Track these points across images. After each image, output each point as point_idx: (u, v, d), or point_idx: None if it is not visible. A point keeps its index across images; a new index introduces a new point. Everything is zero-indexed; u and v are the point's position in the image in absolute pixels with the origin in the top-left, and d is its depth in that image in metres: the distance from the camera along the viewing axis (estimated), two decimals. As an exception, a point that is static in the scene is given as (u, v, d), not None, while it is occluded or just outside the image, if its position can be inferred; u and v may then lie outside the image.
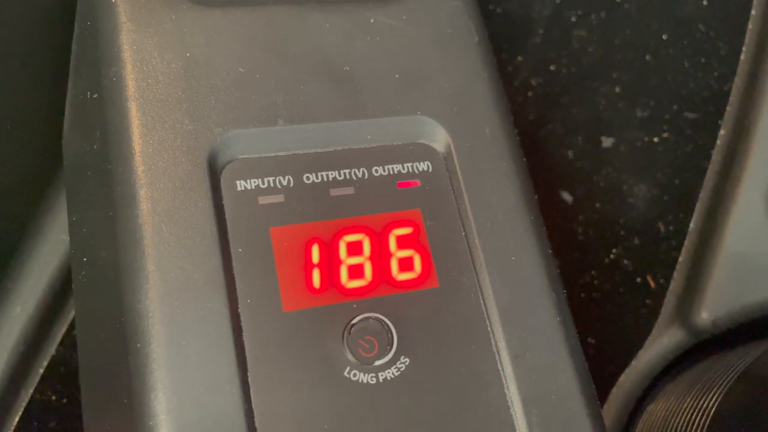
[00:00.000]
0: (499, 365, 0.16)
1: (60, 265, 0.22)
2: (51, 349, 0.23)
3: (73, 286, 0.19)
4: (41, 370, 0.24)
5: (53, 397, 0.24)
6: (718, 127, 0.26)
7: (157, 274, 0.15)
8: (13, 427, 0.23)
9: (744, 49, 0.27)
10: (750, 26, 0.27)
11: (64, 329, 0.23)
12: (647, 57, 0.27)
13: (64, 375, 0.23)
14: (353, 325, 0.16)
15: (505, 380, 0.16)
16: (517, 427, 0.16)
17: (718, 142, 0.26)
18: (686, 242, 0.24)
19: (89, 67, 0.18)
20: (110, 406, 0.16)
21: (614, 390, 0.23)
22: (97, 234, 0.17)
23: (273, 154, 0.17)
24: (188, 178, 0.16)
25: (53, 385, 0.23)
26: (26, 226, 0.22)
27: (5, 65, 0.20)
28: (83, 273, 0.18)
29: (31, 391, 0.23)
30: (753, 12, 0.27)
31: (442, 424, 0.16)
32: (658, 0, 0.28)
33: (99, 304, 0.17)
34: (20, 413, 0.23)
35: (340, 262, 0.16)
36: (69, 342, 0.24)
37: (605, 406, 0.23)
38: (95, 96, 0.17)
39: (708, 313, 0.22)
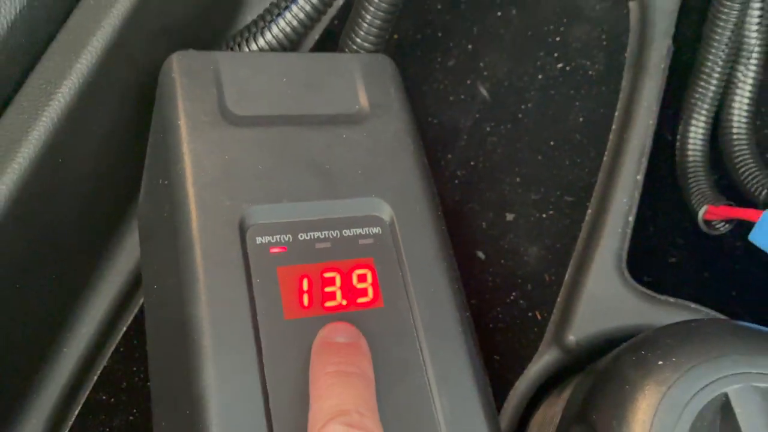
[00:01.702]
0: (422, 361, 0.25)
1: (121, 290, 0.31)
2: (104, 361, 0.32)
3: (144, 305, 0.27)
4: (95, 377, 0.32)
5: (104, 398, 0.32)
6: (587, 208, 0.36)
7: (206, 296, 0.24)
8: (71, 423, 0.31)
9: (606, 153, 0.38)
10: (611, 137, 0.38)
11: (116, 342, 0.31)
12: (539, 157, 0.38)
13: (114, 381, 0.32)
14: (329, 329, 0.25)
15: (425, 367, 0.25)
16: (433, 407, 0.24)
17: (587, 218, 0.36)
18: (562, 288, 0.34)
19: (161, 163, 0.27)
20: (174, 396, 0.25)
21: (511, 392, 0.32)
22: (164, 270, 0.26)
23: (279, 221, 0.26)
24: (226, 236, 0.25)
25: (105, 388, 0.31)
26: (100, 255, 0.30)
27: (109, 145, 0.29)
28: (153, 297, 0.26)
29: (87, 393, 0.31)
30: (613, 126, 0.38)
31: (381, 407, 0.24)
32: (548, 117, 0.39)
33: (165, 315, 0.25)
34: (78, 410, 0.31)
35: (321, 290, 0.25)
36: (118, 355, 0.32)
37: (504, 404, 0.32)
38: (166, 182, 0.26)
39: (574, 337, 0.32)
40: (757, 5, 0.38)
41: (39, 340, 0.30)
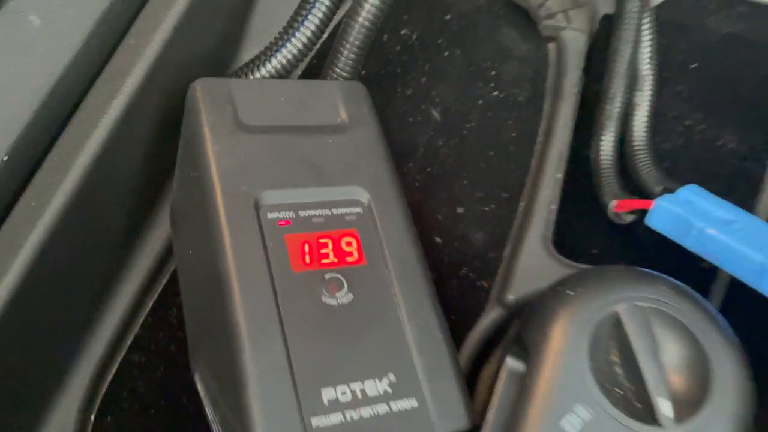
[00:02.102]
0: (396, 302, 0.33)
1: (150, 270, 0.38)
2: (136, 329, 0.39)
3: (178, 272, 0.35)
4: (129, 341, 0.39)
5: (136, 359, 0.38)
6: (519, 201, 0.45)
7: (233, 256, 0.31)
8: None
9: (533, 159, 0.47)
10: (536, 147, 0.47)
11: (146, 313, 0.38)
12: (482, 164, 0.47)
13: (144, 345, 0.38)
14: (325, 279, 0.33)
15: (399, 307, 0.33)
16: (406, 336, 0.32)
17: (519, 208, 0.45)
18: (502, 263, 0.43)
19: (190, 159, 0.35)
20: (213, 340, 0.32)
21: (465, 343, 0.40)
22: (198, 241, 0.33)
23: (285, 203, 0.34)
24: (245, 213, 0.33)
25: (138, 351, 0.38)
26: (133, 243, 0.38)
27: (144, 148, 0.37)
28: (187, 264, 0.34)
29: (123, 354, 0.38)
30: (539, 139, 0.48)
31: (365, 333, 0.32)
32: (487, 134, 0.48)
33: (200, 274, 0.33)
34: (116, 367, 0.38)
35: (318, 251, 0.33)
36: (147, 324, 0.39)
37: (460, 353, 0.40)
38: (195, 174, 0.34)
39: (512, 296, 0.40)
40: (647, 44, 0.49)
41: (85, 310, 0.37)
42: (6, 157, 0.31)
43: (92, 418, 0.36)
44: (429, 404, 0.30)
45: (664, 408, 0.29)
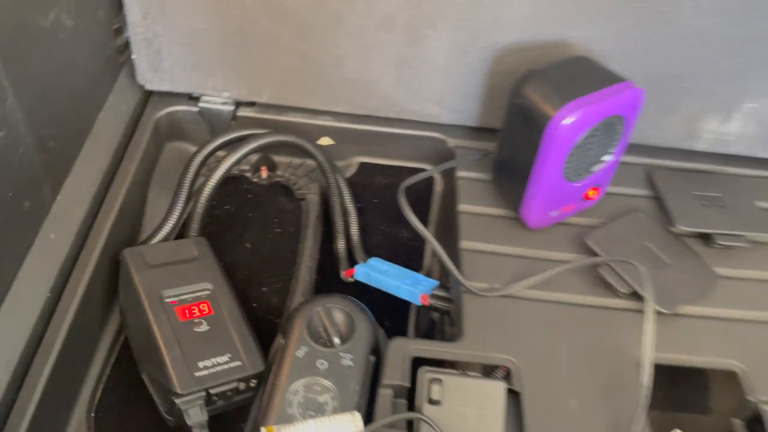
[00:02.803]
0: (228, 326, 0.76)
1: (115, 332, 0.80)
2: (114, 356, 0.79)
3: (125, 328, 0.77)
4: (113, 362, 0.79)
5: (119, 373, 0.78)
6: (292, 281, 0.91)
7: (154, 318, 0.74)
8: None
9: (297, 257, 0.94)
10: (301, 248, 0.94)
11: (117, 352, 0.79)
12: (276, 263, 0.93)
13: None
14: (195, 322, 0.75)
15: (230, 329, 0.76)
16: (234, 342, 0.75)
17: (291, 286, 0.91)
18: (285, 308, 0.88)
19: (126, 284, 0.78)
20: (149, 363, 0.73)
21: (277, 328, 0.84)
22: (136, 315, 0.76)
23: (173, 294, 0.77)
24: (155, 299, 0.76)
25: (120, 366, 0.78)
26: (105, 321, 0.80)
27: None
28: (132, 329, 0.76)
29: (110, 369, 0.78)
30: (301, 245, 0.95)
31: (215, 338, 0.74)
32: (277, 247, 0.94)
33: (139, 326, 0.75)
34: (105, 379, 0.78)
35: (191, 311, 0.76)
36: (120, 356, 0.79)
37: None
38: (130, 288, 0.76)
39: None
40: (346, 193, 0.98)
41: (83, 356, 0.77)
42: None
43: (92, 415, 0.76)
44: (245, 361, 0.73)
45: (336, 340, 0.74)
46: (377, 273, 0.86)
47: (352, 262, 0.91)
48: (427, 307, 0.83)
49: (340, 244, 0.93)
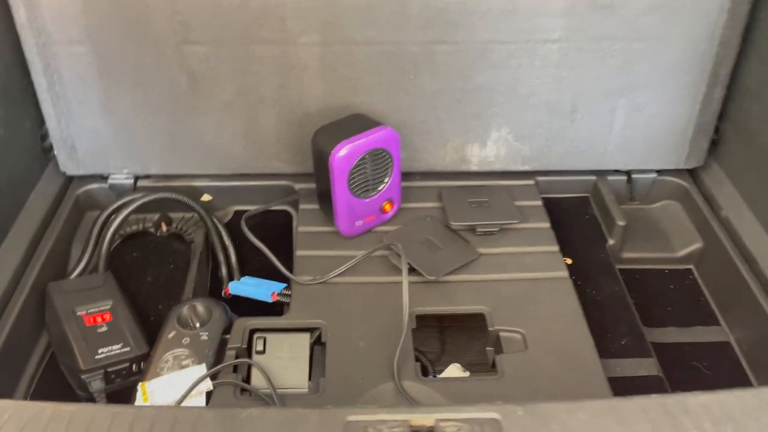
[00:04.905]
0: (123, 326, 1.06)
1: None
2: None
3: (49, 333, 1.07)
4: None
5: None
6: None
7: (69, 330, 1.04)
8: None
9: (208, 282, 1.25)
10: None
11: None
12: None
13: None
14: (97, 324, 1.05)
15: (124, 329, 1.06)
16: (126, 336, 1.05)
17: (180, 300, 1.21)
18: (173, 317, 1.18)
19: (50, 308, 1.08)
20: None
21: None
22: (56, 327, 1.05)
23: (92, 310, 1.07)
24: (69, 314, 1.06)
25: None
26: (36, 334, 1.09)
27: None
28: (53, 328, 1.06)
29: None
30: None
31: (115, 333, 1.04)
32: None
33: (58, 331, 1.05)
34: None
35: (95, 320, 1.06)
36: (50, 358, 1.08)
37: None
38: (53, 309, 1.06)
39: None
40: (224, 233, 1.30)
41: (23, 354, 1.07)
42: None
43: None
44: (133, 346, 1.03)
45: (197, 324, 1.04)
46: (245, 286, 1.17)
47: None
48: (276, 301, 1.13)
49: (223, 270, 1.24)
